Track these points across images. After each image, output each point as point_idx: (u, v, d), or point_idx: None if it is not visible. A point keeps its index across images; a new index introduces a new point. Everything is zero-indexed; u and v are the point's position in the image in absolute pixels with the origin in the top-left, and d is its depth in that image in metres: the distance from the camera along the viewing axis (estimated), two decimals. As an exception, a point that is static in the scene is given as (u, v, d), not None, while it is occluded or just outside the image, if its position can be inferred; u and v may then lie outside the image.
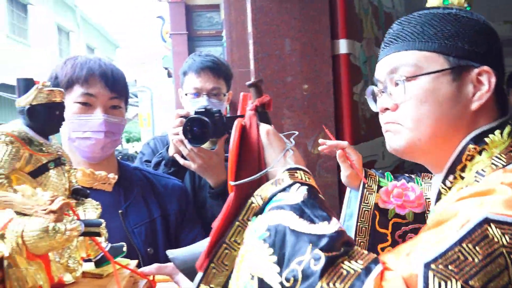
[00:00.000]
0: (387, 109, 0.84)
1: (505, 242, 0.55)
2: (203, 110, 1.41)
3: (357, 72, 2.27)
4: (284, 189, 0.69)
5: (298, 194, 0.67)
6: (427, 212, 1.12)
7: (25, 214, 0.70)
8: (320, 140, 1.25)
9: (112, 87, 1.24)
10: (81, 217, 0.84)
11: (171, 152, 1.57)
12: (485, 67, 0.78)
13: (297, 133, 0.87)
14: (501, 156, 0.74)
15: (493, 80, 0.77)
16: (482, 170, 0.74)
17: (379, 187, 1.18)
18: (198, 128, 1.38)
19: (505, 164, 0.73)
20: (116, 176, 0.97)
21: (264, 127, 0.82)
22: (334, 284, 0.56)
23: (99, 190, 0.95)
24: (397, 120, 0.82)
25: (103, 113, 1.22)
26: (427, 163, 0.86)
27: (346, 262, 0.58)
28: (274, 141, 0.79)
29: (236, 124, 0.81)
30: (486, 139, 0.76)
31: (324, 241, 0.59)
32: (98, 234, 0.80)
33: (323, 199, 0.70)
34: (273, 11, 2.13)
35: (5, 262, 0.71)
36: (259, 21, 2.12)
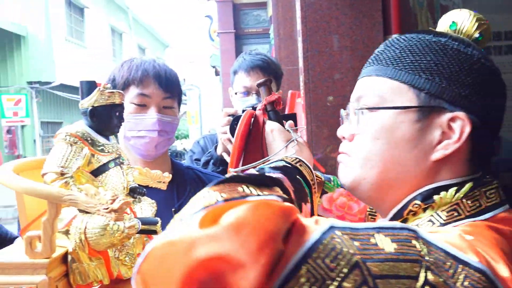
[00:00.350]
0: (344, 137, 0.76)
1: (427, 258, 0.49)
2: (251, 108, 1.42)
3: (411, 69, 2.19)
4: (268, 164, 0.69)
5: (273, 164, 0.67)
6: None
7: (87, 212, 0.73)
8: None
9: (165, 88, 1.28)
10: (138, 215, 0.87)
11: (220, 151, 1.59)
12: (460, 113, 0.65)
13: (305, 127, 0.87)
14: (442, 213, 0.64)
15: (467, 130, 0.65)
16: (417, 225, 0.64)
17: (323, 192, 1.01)
18: None
19: (443, 222, 0.63)
20: (171, 175, 0.99)
21: (270, 126, 0.82)
22: (220, 193, 0.50)
23: (153, 188, 0.97)
24: (349, 152, 0.73)
25: (156, 113, 1.26)
26: (372, 206, 0.76)
27: (250, 187, 0.52)
28: (278, 137, 0.80)
29: (244, 116, 0.84)
30: (435, 197, 0.65)
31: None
32: (155, 232, 0.82)
33: (294, 176, 0.66)
34: (323, 7, 2.10)
35: (69, 257, 0.75)
36: (308, 18, 2.10)
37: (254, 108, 1.42)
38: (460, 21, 0.72)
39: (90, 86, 0.81)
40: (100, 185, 0.79)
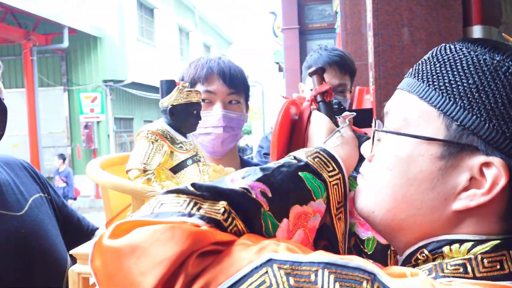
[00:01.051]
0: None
1: None
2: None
3: (494, 62, 2.03)
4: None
5: (272, 163, 0.63)
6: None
7: (167, 208, 0.75)
8: None
9: (229, 84, 1.29)
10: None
11: None
12: (496, 159, 0.50)
13: (353, 114, 0.79)
14: (446, 265, 0.52)
15: (501, 182, 0.50)
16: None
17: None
18: None
19: (441, 275, 0.52)
20: (243, 173, 1.00)
21: (316, 118, 0.77)
22: (160, 204, 0.52)
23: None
24: (365, 175, 0.64)
25: (222, 109, 1.27)
26: (386, 240, 0.66)
27: (194, 200, 0.52)
28: (321, 130, 0.74)
29: (282, 105, 0.79)
30: (445, 248, 0.54)
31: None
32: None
33: (288, 175, 0.60)
34: (396, -1, 2.01)
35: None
36: (380, 11, 2.02)
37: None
38: None
39: (169, 85, 0.83)
40: (179, 182, 0.82)
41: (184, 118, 0.83)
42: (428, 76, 0.56)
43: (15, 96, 10.32)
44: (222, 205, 0.53)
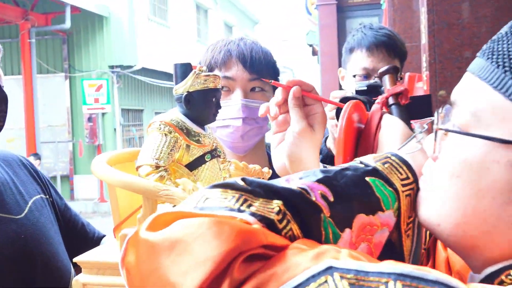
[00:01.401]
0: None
1: None
2: (365, 88, 1.36)
3: None
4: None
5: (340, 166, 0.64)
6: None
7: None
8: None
9: (251, 68, 1.27)
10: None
11: (330, 143, 1.56)
12: None
13: (431, 119, 0.78)
14: None
15: None
16: None
17: None
18: None
19: None
20: (270, 171, 1.00)
21: (387, 121, 0.76)
22: (204, 198, 0.53)
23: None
24: (429, 178, 0.61)
25: (241, 98, 1.26)
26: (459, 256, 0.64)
27: (244, 196, 0.52)
28: (396, 136, 0.73)
29: (346, 107, 0.79)
30: None
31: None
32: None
33: (354, 180, 0.60)
34: (455, -32, 1.98)
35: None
36: (435, -18, 1.99)
37: (370, 88, 1.37)
38: None
39: (184, 70, 0.84)
40: (196, 180, 0.83)
41: (201, 106, 0.84)
42: (505, 59, 0.52)
43: (11, 84, 10.62)
44: (276, 204, 0.53)
